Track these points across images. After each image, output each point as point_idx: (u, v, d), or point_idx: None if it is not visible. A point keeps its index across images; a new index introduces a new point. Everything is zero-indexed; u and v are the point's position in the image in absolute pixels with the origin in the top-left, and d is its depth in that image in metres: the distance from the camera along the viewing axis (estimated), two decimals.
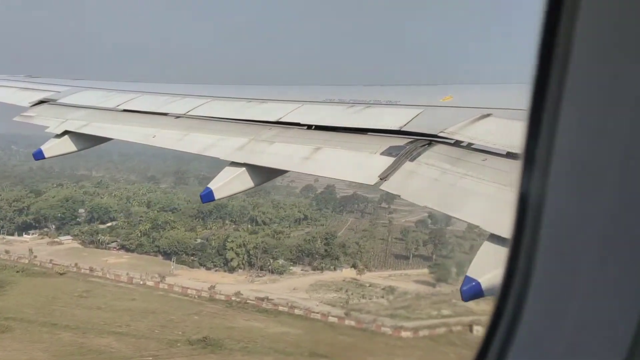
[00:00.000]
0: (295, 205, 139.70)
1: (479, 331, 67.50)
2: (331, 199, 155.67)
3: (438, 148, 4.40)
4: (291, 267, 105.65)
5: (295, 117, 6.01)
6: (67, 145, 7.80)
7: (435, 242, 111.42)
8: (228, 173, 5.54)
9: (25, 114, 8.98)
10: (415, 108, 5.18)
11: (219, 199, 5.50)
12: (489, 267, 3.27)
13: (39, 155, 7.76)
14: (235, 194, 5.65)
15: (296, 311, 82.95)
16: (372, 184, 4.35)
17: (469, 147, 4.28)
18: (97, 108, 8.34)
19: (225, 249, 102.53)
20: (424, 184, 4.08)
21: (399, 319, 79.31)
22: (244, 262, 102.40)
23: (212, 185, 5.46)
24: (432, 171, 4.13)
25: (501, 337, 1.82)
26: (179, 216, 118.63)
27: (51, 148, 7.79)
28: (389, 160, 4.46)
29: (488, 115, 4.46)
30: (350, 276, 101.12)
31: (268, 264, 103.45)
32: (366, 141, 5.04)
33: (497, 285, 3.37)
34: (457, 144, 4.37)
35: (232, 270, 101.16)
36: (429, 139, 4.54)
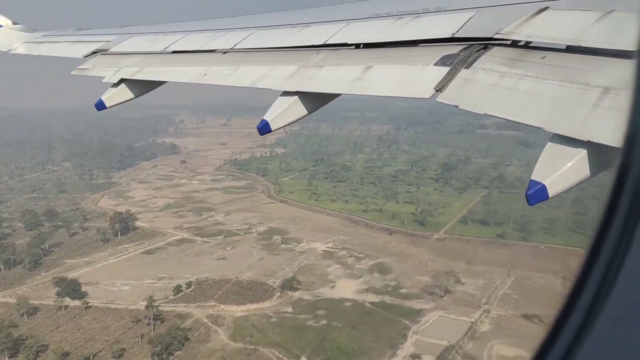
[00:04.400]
0: None
1: None
2: None
3: (494, 51, 4.24)
4: None
5: (341, 38, 5.89)
6: (124, 93, 8.02)
7: None
8: (281, 103, 5.55)
9: (81, 66, 9.25)
10: (467, 11, 4.96)
11: (275, 130, 5.56)
12: (553, 169, 3.21)
13: (100, 106, 8.03)
14: (290, 123, 5.69)
15: None
16: (428, 97, 4.26)
17: (527, 45, 4.11)
18: (148, 53, 8.47)
19: None
20: (481, 90, 3.97)
21: None
22: None
23: (267, 116, 5.50)
24: (490, 76, 4.00)
25: (568, 338, 1.58)
26: None
27: (111, 97, 8.03)
28: (444, 70, 4.34)
29: (545, 8, 4.24)
30: None
31: None
32: (418, 53, 4.90)
33: (562, 188, 3.28)
34: (514, 44, 4.20)
35: None
36: (484, 43, 4.38)
